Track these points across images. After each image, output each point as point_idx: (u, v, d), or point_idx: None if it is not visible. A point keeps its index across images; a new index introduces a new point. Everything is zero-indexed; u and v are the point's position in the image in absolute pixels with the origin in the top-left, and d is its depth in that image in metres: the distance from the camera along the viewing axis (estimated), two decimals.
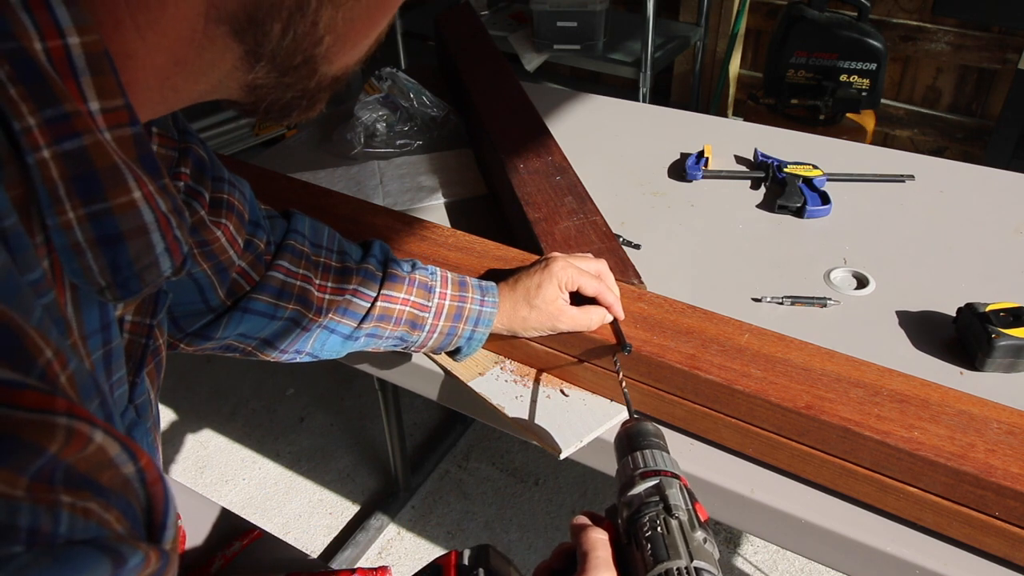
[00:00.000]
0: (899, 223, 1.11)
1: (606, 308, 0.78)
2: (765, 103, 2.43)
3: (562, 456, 0.76)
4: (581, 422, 0.78)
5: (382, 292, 0.75)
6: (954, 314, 0.88)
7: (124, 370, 0.42)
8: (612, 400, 0.80)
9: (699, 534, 0.53)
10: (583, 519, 0.58)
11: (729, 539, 1.68)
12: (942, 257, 1.03)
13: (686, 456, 0.75)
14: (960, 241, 1.07)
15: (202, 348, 0.67)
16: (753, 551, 1.66)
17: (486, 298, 0.79)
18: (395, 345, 0.78)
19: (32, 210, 0.30)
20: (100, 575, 0.24)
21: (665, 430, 0.77)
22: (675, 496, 0.55)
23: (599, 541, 0.54)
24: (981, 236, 1.08)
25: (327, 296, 0.72)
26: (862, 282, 0.98)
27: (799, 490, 0.71)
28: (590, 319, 0.77)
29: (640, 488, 0.57)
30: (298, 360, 0.74)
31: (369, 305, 0.74)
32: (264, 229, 0.67)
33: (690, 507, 0.55)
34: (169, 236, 0.36)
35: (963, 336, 0.86)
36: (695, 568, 0.50)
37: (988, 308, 0.83)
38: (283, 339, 0.70)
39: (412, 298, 0.76)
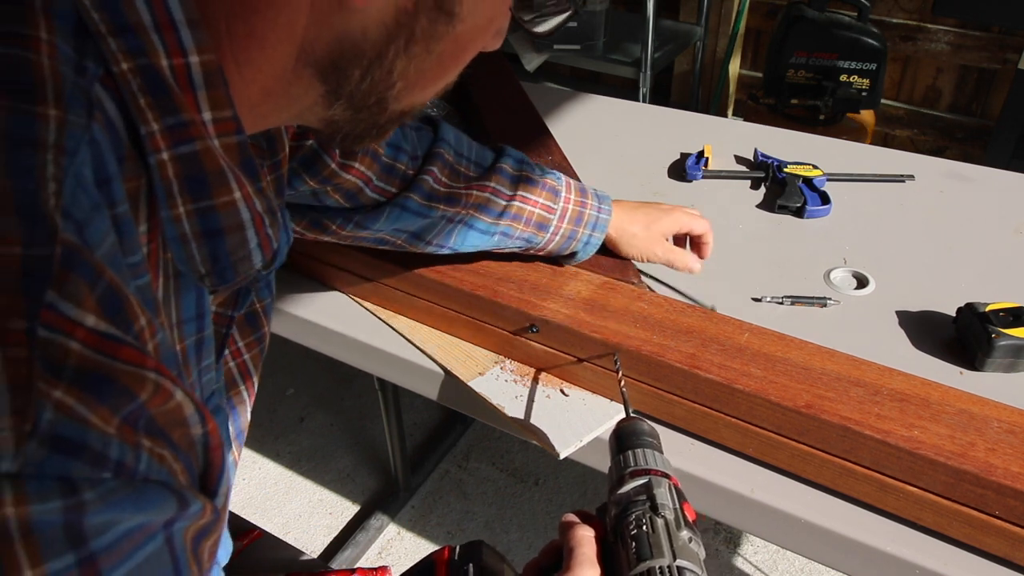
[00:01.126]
0: (899, 223, 1.11)
1: (702, 247, 0.93)
2: (765, 103, 2.43)
3: (562, 456, 0.76)
4: (581, 422, 0.78)
5: (518, 193, 0.83)
6: (954, 314, 0.87)
7: (212, 357, 0.46)
8: (612, 400, 0.80)
9: (684, 533, 0.53)
10: (572, 517, 0.58)
11: (729, 539, 1.68)
12: (942, 257, 1.03)
13: (686, 456, 0.75)
14: (960, 241, 1.07)
15: (358, 236, 0.79)
16: (753, 551, 1.66)
17: (603, 206, 0.89)
18: (521, 246, 0.85)
19: (140, 202, 0.35)
20: (167, 511, 0.28)
21: (665, 430, 0.78)
22: (663, 495, 0.55)
23: (584, 538, 0.55)
24: (981, 236, 1.08)
25: (473, 193, 0.81)
26: (862, 282, 0.98)
27: (799, 490, 0.71)
28: (681, 259, 0.91)
29: (629, 487, 0.57)
30: (441, 252, 0.83)
31: (505, 203, 0.82)
32: (406, 151, 0.77)
33: (677, 506, 0.55)
34: (262, 233, 0.40)
35: (963, 336, 0.86)
36: (678, 567, 0.50)
37: (988, 308, 0.83)
38: (430, 233, 0.81)
39: (542, 200, 0.84)
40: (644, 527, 0.53)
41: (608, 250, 0.94)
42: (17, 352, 0.25)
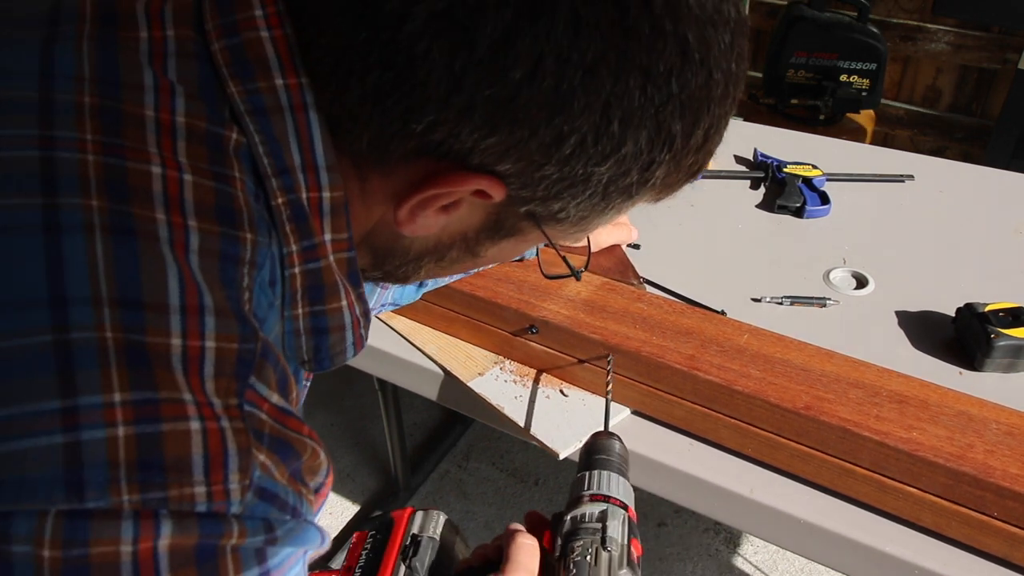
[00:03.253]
0: (899, 223, 1.11)
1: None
2: (765, 103, 2.43)
3: (561, 456, 0.76)
4: (580, 422, 0.78)
5: None
6: (953, 314, 0.88)
7: None
8: (613, 400, 0.80)
9: (624, 572, 0.53)
10: (517, 525, 0.60)
11: (729, 539, 1.68)
12: (941, 257, 1.03)
13: (685, 456, 0.75)
14: (960, 241, 1.07)
15: None
16: (753, 551, 1.66)
17: None
18: (465, 275, 0.85)
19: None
20: (315, 543, 0.36)
21: (664, 430, 0.78)
22: (615, 528, 0.56)
23: (526, 547, 0.57)
24: (981, 236, 1.08)
25: None
26: (861, 282, 0.98)
27: (798, 490, 0.71)
28: (627, 233, 0.96)
29: (584, 510, 0.58)
30: (383, 311, 0.85)
31: None
32: None
33: (626, 542, 0.55)
34: (357, 333, 0.48)
35: (962, 336, 0.86)
36: None
37: (987, 308, 0.83)
38: (370, 298, 0.79)
39: None
40: (588, 557, 0.54)
41: (607, 250, 0.94)
42: (237, 424, 0.33)
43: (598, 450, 0.63)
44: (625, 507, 0.58)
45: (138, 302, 0.32)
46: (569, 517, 0.58)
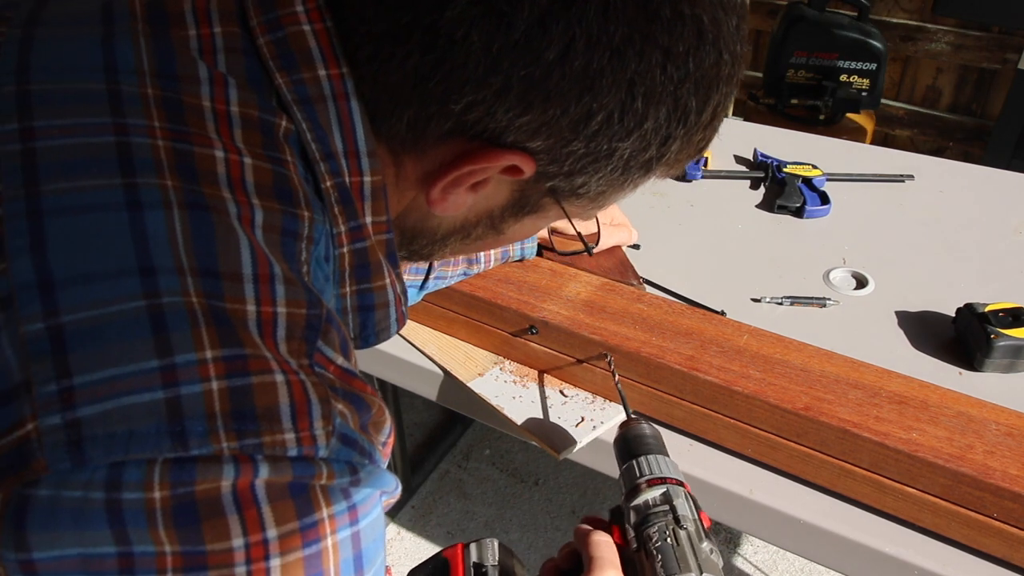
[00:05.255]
0: (899, 223, 1.11)
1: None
2: (765, 103, 2.43)
3: (561, 457, 0.76)
4: (580, 423, 0.78)
5: None
6: (953, 314, 0.88)
7: None
8: (611, 401, 0.80)
9: (706, 545, 0.54)
10: (587, 525, 0.60)
11: (729, 539, 1.68)
12: (941, 257, 1.03)
13: (685, 457, 0.75)
14: (960, 241, 1.07)
15: None
16: (753, 551, 1.66)
17: None
18: (462, 278, 0.87)
19: None
20: (391, 487, 0.39)
21: (664, 431, 0.77)
22: (683, 506, 0.57)
23: (604, 544, 0.57)
24: (981, 236, 1.08)
25: None
26: (861, 282, 0.98)
27: (798, 491, 0.71)
28: (626, 236, 0.97)
29: (647, 496, 0.58)
30: None
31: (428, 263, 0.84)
32: None
33: (696, 516, 0.57)
34: (399, 310, 0.51)
35: (962, 336, 0.86)
36: None
37: (987, 308, 0.83)
38: None
39: None
40: (668, 539, 0.54)
41: (606, 250, 0.94)
42: (314, 379, 0.35)
43: (633, 437, 0.64)
44: (682, 483, 0.59)
45: (216, 271, 0.34)
46: (632, 507, 0.58)
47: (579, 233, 0.63)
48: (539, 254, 0.96)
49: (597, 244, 0.64)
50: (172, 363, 0.32)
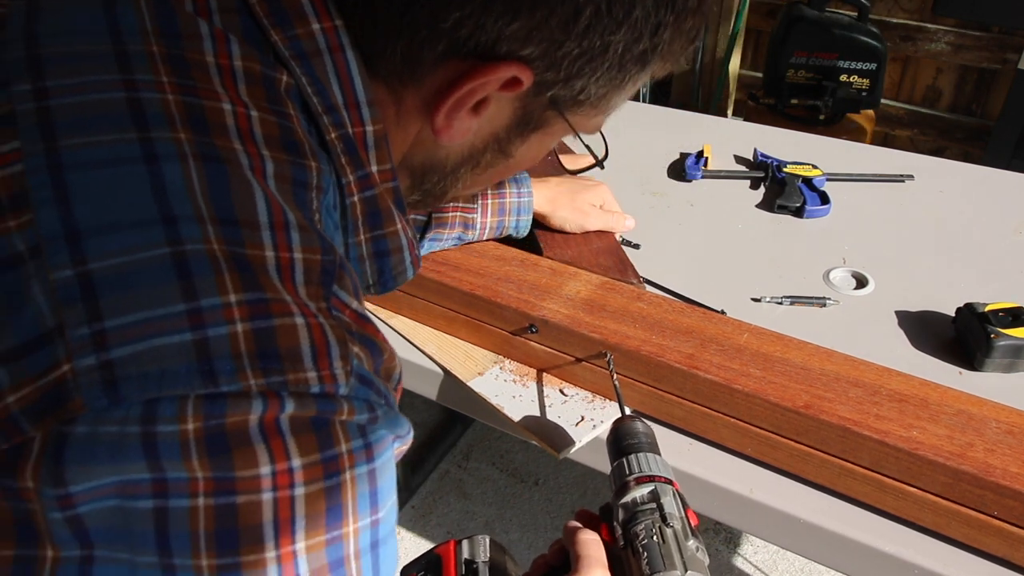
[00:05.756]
0: (899, 223, 1.11)
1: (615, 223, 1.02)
2: (765, 103, 2.43)
3: (561, 456, 0.76)
4: (580, 422, 0.78)
5: None
6: (953, 314, 0.87)
7: None
8: (611, 400, 0.80)
9: (692, 543, 0.55)
10: (575, 522, 0.60)
11: (729, 539, 1.68)
12: (941, 257, 1.03)
13: (685, 456, 0.75)
14: (960, 241, 1.07)
15: None
16: (753, 551, 1.66)
17: (522, 189, 0.94)
18: (455, 244, 0.91)
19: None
20: (404, 430, 0.40)
21: (664, 430, 0.78)
22: (670, 504, 0.57)
23: (591, 542, 0.57)
24: (981, 236, 1.08)
25: None
26: (861, 282, 0.98)
27: (798, 490, 0.71)
28: (619, 222, 1.02)
29: (635, 494, 0.58)
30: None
31: (426, 218, 0.86)
32: None
33: (683, 514, 0.57)
34: (412, 253, 0.53)
35: (962, 336, 0.86)
36: None
37: (987, 308, 0.83)
38: None
39: (460, 203, 0.88)
40: (654, 537, 0.54)
41: (606, 249, 0.94)
42: (331, 321, 0.37)
43: (625, 435, 0.64)
44: (670, 482, 0.59)
45: (234, 220, 0.36)
46: (621, 504, 0.58)
47: (588, 147, 0.63)
48: (532, 236, 0.96)
49: (606, 156, 0.63)
50: (198, 307, 0.33)
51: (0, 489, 0.31)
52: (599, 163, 0.64)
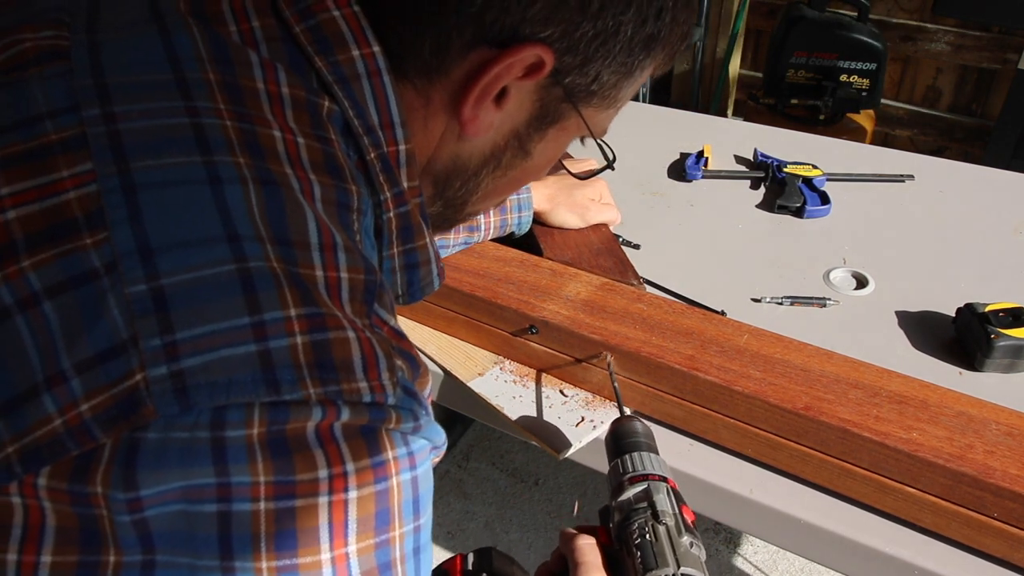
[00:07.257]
0: (899, 223, 1.11)
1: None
2: (765, 103, 2.43)
3: (561, 457, 0.76)
4: (580, 423, 0.78)
5: None
6: (953, 314, 0.88)
7: None
8: (611, 401, 0.80)
9: (685, 539, 0.54)
10: (571, 529, 0.61)
11: (729, 539, 1.68)
12: (941, 257, 1.03)
13: (685, 457, 0.75)
14: (960, 241, 1.07)
15: None
16: (753, 551, 1.66)
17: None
18: (463, 247, 0.92)
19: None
20: (441, 440, 0.42)
21: (664, 431, 0.78)
22: (662, 502, 0.57)
23: (587, 547, 0.58)
24: (981, 236, 1.08)
25: None
26: (861, 282, 0.98)
27: (798, 491, 0.71)
28: (616, 215, 1.05)
29: (629, 493, 0.59)
30: None
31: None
32: None
33: (677, 511, 0.57)
34: (438, 266, 0.55)
35: (962, 336, 0.86)
36: (682, 574, 0.52)
37: (987, 308, 0.83)
38: None
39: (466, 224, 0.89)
40: (647, 535, 0.54)
41: (606, 250, 0.94)
42: (377, 336, 0.39)
43: (622, 434, 0.64)
44: (665, 479, 0.59)
45: (289, 240, 0.38)
46: (615, 505, 0.59)
47: (600, 146, 0.64)
48: (532, 236, 0.96)
49: (614, 159, 0.64)
50: (262, 320, 0.35)
51: (68, 494, 0.33)
52: (609, 164, 0.66)
